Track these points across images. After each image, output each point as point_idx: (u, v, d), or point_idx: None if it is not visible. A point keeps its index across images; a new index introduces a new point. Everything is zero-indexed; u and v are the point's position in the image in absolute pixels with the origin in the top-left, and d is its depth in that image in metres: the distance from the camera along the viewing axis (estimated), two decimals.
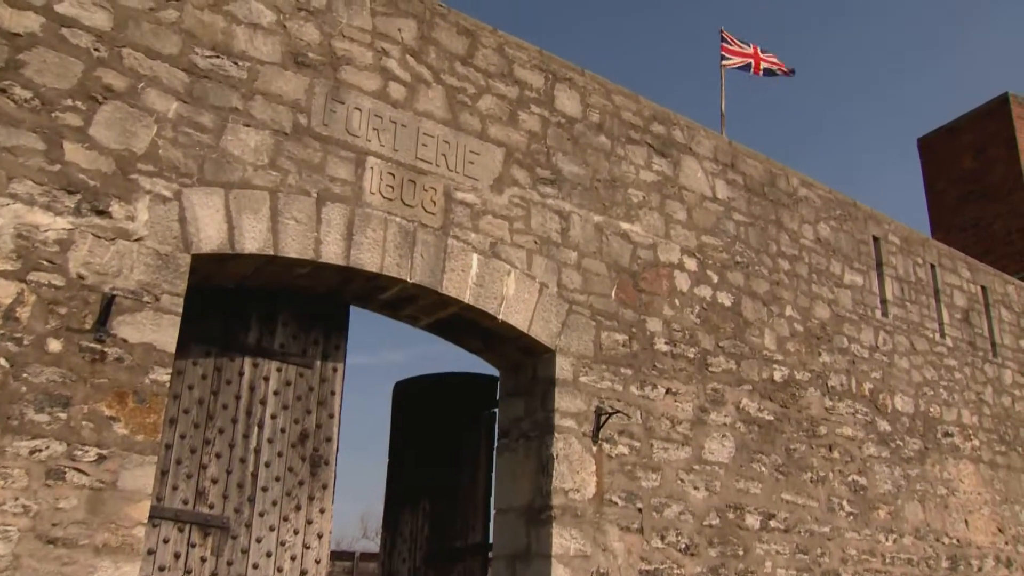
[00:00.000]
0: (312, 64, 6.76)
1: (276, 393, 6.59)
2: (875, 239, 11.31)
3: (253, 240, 6.07)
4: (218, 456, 6.20)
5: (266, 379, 6.59)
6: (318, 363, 6.87)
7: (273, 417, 6.54)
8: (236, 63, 6.37)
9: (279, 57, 6.61)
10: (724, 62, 12.55)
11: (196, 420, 6.18)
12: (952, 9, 50.39)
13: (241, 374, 6.49)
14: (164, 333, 5.55)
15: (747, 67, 12.63)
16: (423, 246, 6.93)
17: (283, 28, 6.69)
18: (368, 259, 6.57)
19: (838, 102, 52.25)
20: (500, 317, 7.21)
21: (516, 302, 7.35)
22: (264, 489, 6.36)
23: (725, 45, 12.60)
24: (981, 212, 19.39)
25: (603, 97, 8.79)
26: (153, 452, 5.36)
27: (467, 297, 7.06)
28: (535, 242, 7.69)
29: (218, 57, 6.30)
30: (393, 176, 6.92)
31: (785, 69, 13.09)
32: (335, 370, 6.95)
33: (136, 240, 5.62)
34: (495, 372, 8.18)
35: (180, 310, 5.65)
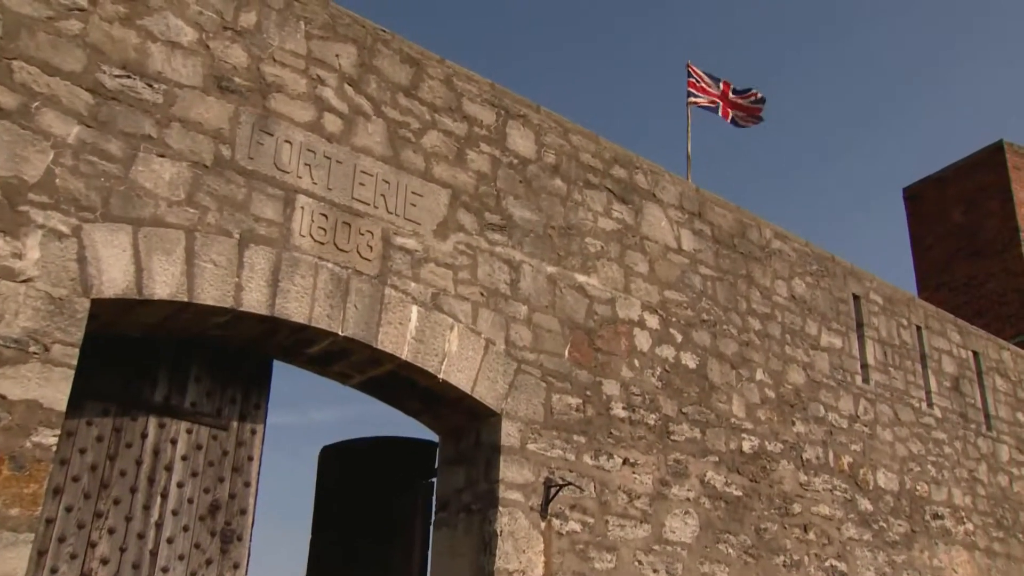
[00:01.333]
0: (238, 90, 6.79)
1: (184, 458, 6.51)
2: (855, 297, 11.52)
3: (164, 284, 6.03)
4: (111, 532, 6.04)
5: (173, 442, 6.51)
6: (235, 424, 6.82)
7: (180, 486, 6.45)
8: (151, 85, 6.36)
9: (200, 80, 6.63)
10: (691, 99, 12.79)
11: (87, 489, 6.01)
12: (942, 49, 52.21)
13: (144, 436, 6.37)
14: (53, 388, 5.36)
15: (715, 108, 12.94)
16: (357, 296, 6.95)
17: (206, 48, 6.73)
18: (295, 309, 6.57)
19: (817, 146, 53.59)
20: (441, 376, 7.24)
21: (459, 360, 7.38)
22: (164, 570, 6.22)
23: (692, 81, 12.84)
24: (973, 270, 19.68)
25: (560, 136, 8.96)
26: (29, 529, 5.12)
27: (405, 353, 7.07)
28: (482, 294, 7.75)
29: (129, 77, 6.28)
30: (326, 217, 6.96)
31: (754, 117, 13.38)
32: (254, 432, 6.91)
33: (24, 281, 5.46)
34: (434, 437, 8.16)
35: (74, 362, 5.50)
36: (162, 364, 6.62)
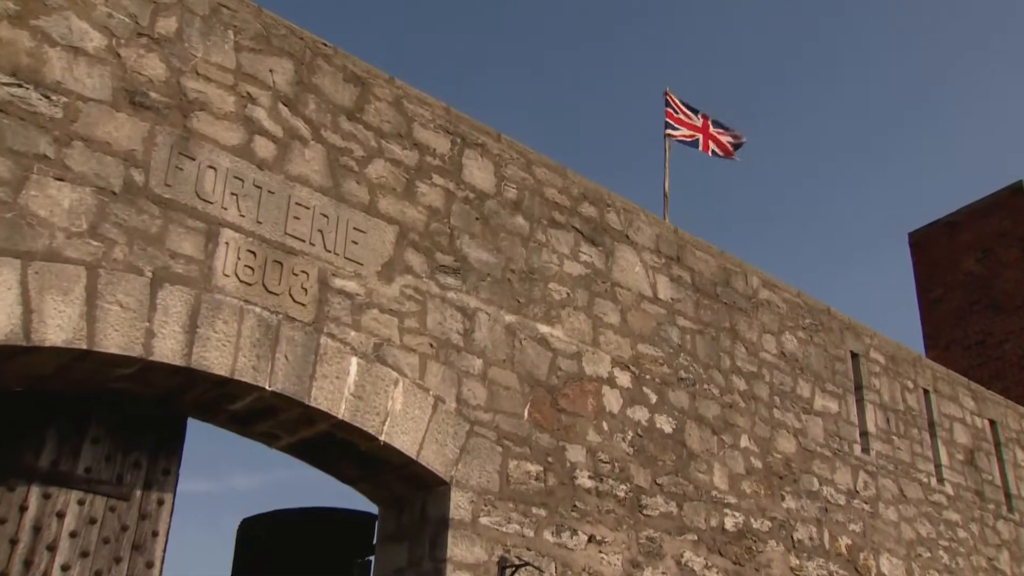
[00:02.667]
0: (154, 106, 6.76)
1: (73, 535, 6.31)
2: (854, 355, 11.60)
3: (59, 329, 5.93)
4: None
5: (60, 515, 6.32)
6: (138, 493, 6.69)
7: (65, 569, 6.23)
8: (48, 97, 6.28)
9: (109, 94, 6.57)
10: (669, 131, 12.93)
11: None
12: (953, 77, 53.12)
13: (23, 509, 6.15)
14: None
15: (695, 142, 13.12)
16: (288, 345, 6.92)
17: (116, 57, 6.68)
18: (216, 359, 6.53)
19: (810, 185, 54.10)
20: (382, 438, 7.22)
21: (404, 420, 7.36)
22: None
23: (670, 111, 13.03)
24: (988, 327, 19.71)
25: (522, 169, 9.04)
26: None
27: (342, 412, 7.04)
28: (431, 345, 7.76)
29: (21, 86, 6.18)
30: (254, 255, 6.95)
31: (732, 154, 13.60)
32: (161, 503, 6.79)
33: None
34: (373, 509, 8.13)
35: None
36: (51, 423, 6.47)
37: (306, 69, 7.73)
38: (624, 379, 9.05)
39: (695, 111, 13.33)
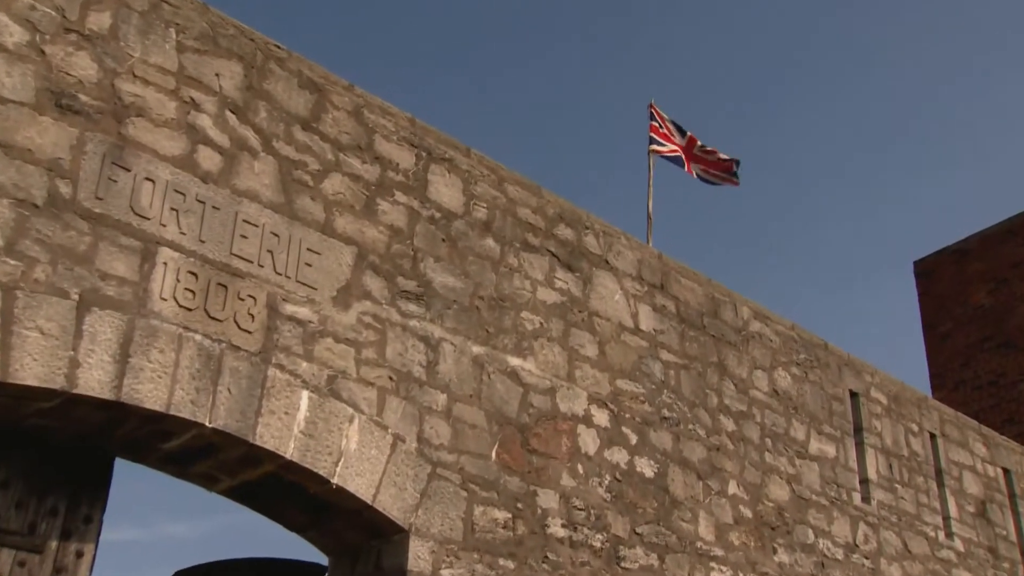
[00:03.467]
0: (84, 111, 6.66)
1: None
2: (853, 395, 11.61)
3: None
4: None
5: None
6: (54, 544, 6.50)
7: None
8: None
9: (32, 95, 6.47)
10: (653, 147, 12.91)
11: None
12: (959, 94, 53.51)
13: None
14: None
15: (679, 160, 13.18)
16: (232, 377, 6.85)
17: (40, 55, 6.59)
18: (149, 392, 6.43)
19: (805, 209, 54.29)
20: (335, 481, 7.16)
21: (359, 461, 7.31)
22: None
23: (655, 125, 13.03)
24: (1001, 365, 19.67)
25: (493, 187, 9.02)
26: None
27: (290, 451, 6.98)
28: (391, 378, 7.72)
29: None
30: (195, 277, 6.88)
31: (726, 175, 13.71)
32: (80, 554, 6.60)
33: None
34: (323, 559, 8.05)
35: None
36: None
37: (257, 73, 7.66)
38: (602, 418, 9.01)
39: (682, 131, 13.39)
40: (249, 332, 7.03)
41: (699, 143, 13.56)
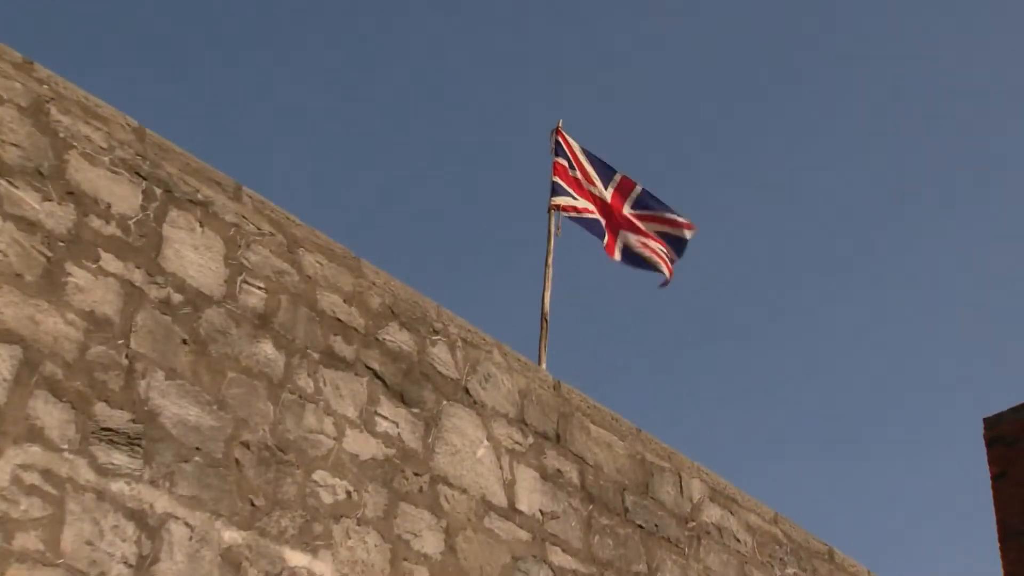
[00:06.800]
0: None
1: None
2: None
3: None
4: None
5: None
6: None
7: None
8: None
9: None
10: (556, 199, 12.78)
11: None
12: None
13: None
14: None
15: (597, 224, 12.99)
16: None
17: None
18: None
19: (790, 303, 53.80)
20: None
21: None
22: None
23: (561, 164, 12.90)
24: None
25: (280, 254, 8.57)
26: None
27: None
28: None
29: None
30: None
31: (669, 265, 13.58)
32: None
33: None
34: None
35: None
36: None
37: None
38: None
39: (609, 169, 13.20)
40: None
41: (638, 188, 13.32)
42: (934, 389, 49.42)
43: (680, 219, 13.98)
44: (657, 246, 13.52)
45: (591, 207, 13.13)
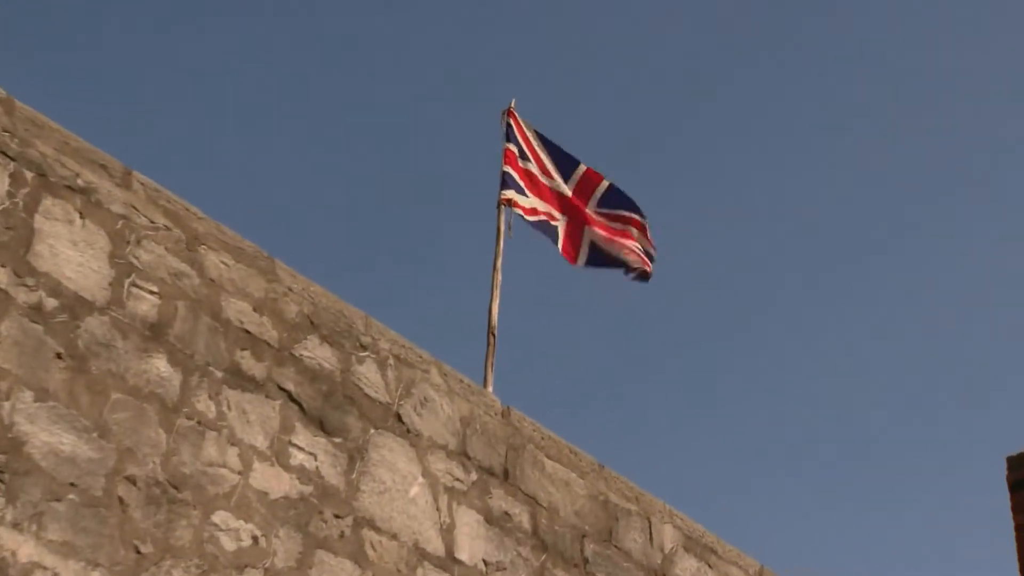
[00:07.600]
0: None
1: None
2: None
3: None
4: None
5: None
6: None
7: None
8: None
9: None
10: (506, 193, 12.77)
11: None
12: None
13: None
14: None
15: (546, 228, 13.11)
16: None
17: None
18: None
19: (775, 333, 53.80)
20: None
21: None
22: None
23: (511, 151, 12.90)
24: None
25: (177, 252, 8.41)
26: None
27: None
28: None
29: None
30: None
31: (641, 255, 13.60)
32: None
33: None
34: None
35: None
36: None
37: None
38: None
39: (570, 162, 13.16)
40: None
41: (604, 184, 13.25)
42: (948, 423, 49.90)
43: (648, 231, 13.91)
44: (629, 242, 13.45)
45: (543, 207, 13.12)
